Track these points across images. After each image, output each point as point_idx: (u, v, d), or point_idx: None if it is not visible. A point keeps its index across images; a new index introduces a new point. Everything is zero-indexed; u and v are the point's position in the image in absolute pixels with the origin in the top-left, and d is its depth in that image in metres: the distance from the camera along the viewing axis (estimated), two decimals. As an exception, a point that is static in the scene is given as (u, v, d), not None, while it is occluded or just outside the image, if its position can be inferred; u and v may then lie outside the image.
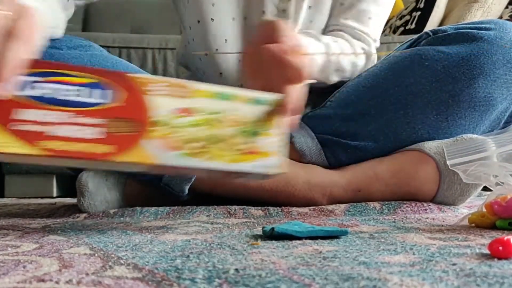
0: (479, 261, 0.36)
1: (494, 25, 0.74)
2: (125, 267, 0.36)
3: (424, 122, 0.75)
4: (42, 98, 0.46)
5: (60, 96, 0.47)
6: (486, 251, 0.39)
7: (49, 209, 0.91)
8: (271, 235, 0.49)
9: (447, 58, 0.74)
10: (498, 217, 0.53)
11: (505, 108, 0.76)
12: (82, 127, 0.47)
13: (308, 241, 0.48)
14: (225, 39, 0.86)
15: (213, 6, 0.84)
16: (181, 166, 0.51)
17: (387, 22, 2.15)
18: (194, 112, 0.52)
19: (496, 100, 0.74)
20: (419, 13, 1.92)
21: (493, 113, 0.76)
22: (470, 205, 0.79)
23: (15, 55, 0.42)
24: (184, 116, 0.51)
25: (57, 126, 0.46)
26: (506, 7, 1.82)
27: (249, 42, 0.65)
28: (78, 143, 0.47)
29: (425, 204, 0.73)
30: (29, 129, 0.45)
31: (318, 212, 0.71)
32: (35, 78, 0.46)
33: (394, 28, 2.03)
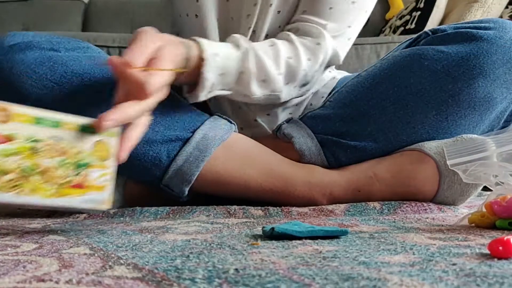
0: (479, 261, 0.36)
1: (493, 24, 0.74)
2: (125, 267, 0.36)
3: (423, 122, 0.75)
4: None
5: None
6: (486, 251, 0.39)
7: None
8: (271, 235, 0.49)
9: (447, 58, 0.74)
10: (498, 217, 0.53)
11: (504, 107, 0.76)
12: None
13: (308, 241, 0.48)
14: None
15: (197, 2, 0.82)
16: None
17: (387, 22, 2.16)
18: (10, 139, 0.47)
19: (495, 99, 0.74)
20: (419, 13, 1.93)
21: (493, 113, 0.76)
22: (470, 205, 0.79)
23: None
24: None
25: None
26: (506, 7, 1.83)
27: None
28: None
29: (425, 204, 0.73)
30: None
31: (318, 212, 0.71)
32: None
33: (394, 28, 2.03)
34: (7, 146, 0.47)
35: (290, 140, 0.79)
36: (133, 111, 0.55)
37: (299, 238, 0.49)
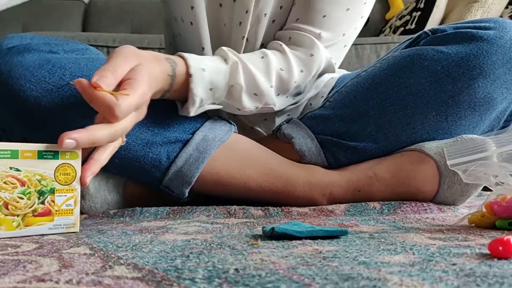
0: (479, 261, 0.36)
1: (493, 24, 0.74)
2: (125, 267, 0.36)
3: (423, 122, 0.75)
4: None
5: None
6: (486, 251, 0.40)
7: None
8: (271, 235, 0.49)
9: (447, 58, 0.73)
10: (498, 217, 0.53)
11: (504, 107, 0.76)
12: None
13: (308, 241, 0.48)
14: (202, 47, 0.83)
15: (192, 10, 0.81)
16: None
17: (387, 22, 2.16)
18: None
19: (496, 100, 0.74)
20: (419, 13, 1.93)
21: (493, 113, 0.76)
22: (470, 205, 0.79)
23: None
24: None
25: None
26: (506, 7, 1.83)
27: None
28: None
29: (425, 204, 0.73)
30: None
31: (318, 212, 0.71)
32: None
33: (394, 28, 2.03)
34: None
35: (290, 141, 0.79)
36: (102, 134, 0.54)
37: (299, 238, 0.49)
